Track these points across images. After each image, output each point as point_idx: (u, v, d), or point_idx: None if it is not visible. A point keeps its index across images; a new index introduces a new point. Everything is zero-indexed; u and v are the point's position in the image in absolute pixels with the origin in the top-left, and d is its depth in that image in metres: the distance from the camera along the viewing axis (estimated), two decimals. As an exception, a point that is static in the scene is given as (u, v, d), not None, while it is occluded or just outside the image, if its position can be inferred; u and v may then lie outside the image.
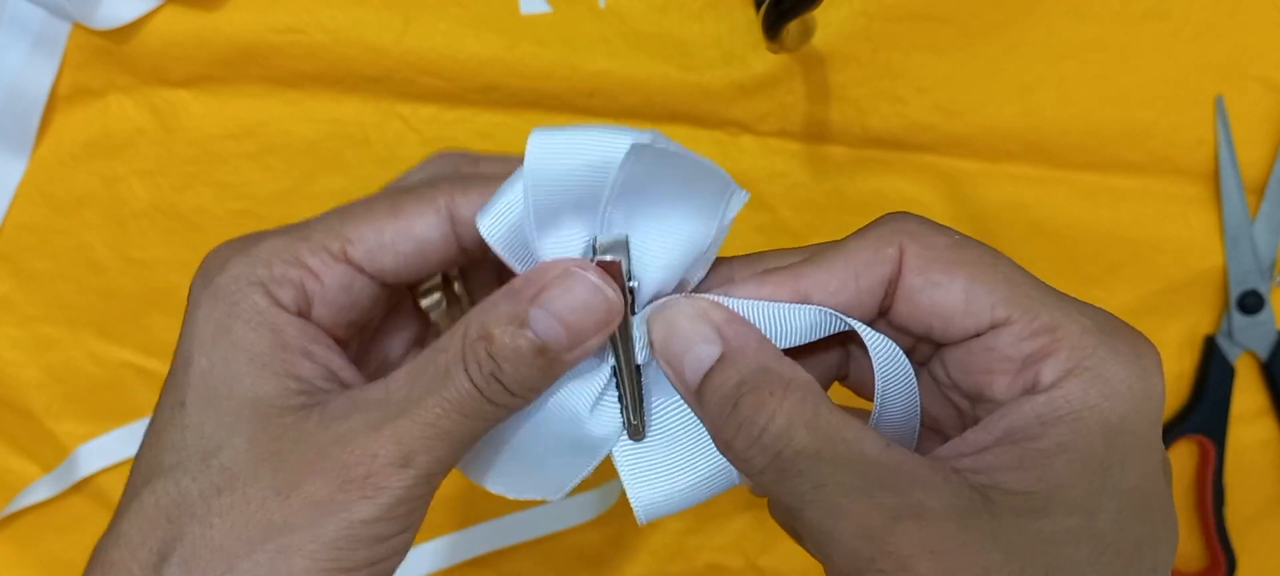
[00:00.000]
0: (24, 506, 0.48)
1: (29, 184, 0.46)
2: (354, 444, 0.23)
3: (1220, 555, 0.47)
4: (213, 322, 0.25)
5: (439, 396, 0.23)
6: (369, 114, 0.45)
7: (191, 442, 0.24)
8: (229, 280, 0.25)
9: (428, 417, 0.23)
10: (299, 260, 0.25)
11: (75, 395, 0.47)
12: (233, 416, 0.24)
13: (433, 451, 0.23)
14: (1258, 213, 0.45)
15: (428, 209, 0.26)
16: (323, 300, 0.26)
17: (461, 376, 0.23)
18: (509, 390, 0.24)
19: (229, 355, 0.24)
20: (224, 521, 0.23)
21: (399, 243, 0.26)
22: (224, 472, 0.23)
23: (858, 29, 0.44)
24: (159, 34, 0.44)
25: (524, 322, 0.23)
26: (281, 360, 0.24)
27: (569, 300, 0.23)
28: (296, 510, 0.23)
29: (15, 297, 0.47)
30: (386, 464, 0.23)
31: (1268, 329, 0.46)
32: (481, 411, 0.24)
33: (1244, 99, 0.45)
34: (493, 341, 0.23)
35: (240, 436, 0.23)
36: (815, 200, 0.46)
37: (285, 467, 0.23)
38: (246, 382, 0.24)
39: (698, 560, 0.49)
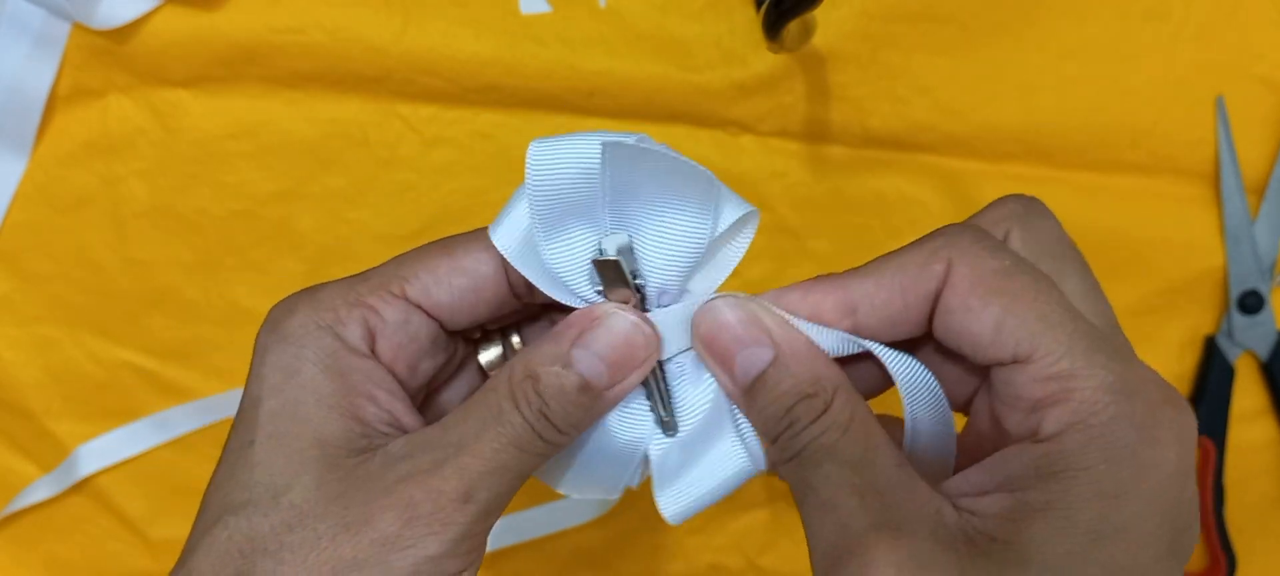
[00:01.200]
0: (24, 506, 0.48)
1: (29, 184, 0.46)
2: (419, 481, 0.24)
3: (1220, 555, 0.47)
4: (281, 366, 0.25)
5: (495, 432, 0.24)
6: (369, 114, 0.45)
7: (260, 481, 0.24)
8: (297, 324, 0.26)
9: (486, 453, 0.24)
10: (361, 300, 0.26)
11: (75, 395, 0.47)
12: (300, 456, 0.24)
13: (492, 487, 0.24)
14: (1258, 213, 0.45)
15: (477, 245, 0.27)
16: (384, 336, 0.27)
17: (514, 414, 0.24)
18: (556, 426, 0.25)
19: (298, 396, 0.25)
20: (294, 557, 0.24)
21: (453, 277, 0.27)
22: (293, 510, 0.24)
23: (858, 29, 0.44)
24: (159, 34, 0.44)
25: (567, 364, 0.24)
26: (348, 403, 0.25)
27: (609, 339, 0.25)
28: (365, 547, 0.23)
29: (15, 297, 0.47)
30: (451, 500, 0.24)
31: (1268, 329, 0.46)
32: (535, 447, 0.25)
33: (1244, 99, 0.45)
34: (539, 381, 0.24)
35: (308, 475, 0.24)
36: (815, 200, 0.46)
37: (353, 505, 0.24)
38: (314, 423, 0.25)
39: (698, 560, 0.49)
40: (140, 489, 0.48)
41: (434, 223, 0.46)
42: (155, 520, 0.48)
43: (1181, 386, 0.47)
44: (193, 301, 0.47)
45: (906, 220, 0.46)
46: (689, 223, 0.25)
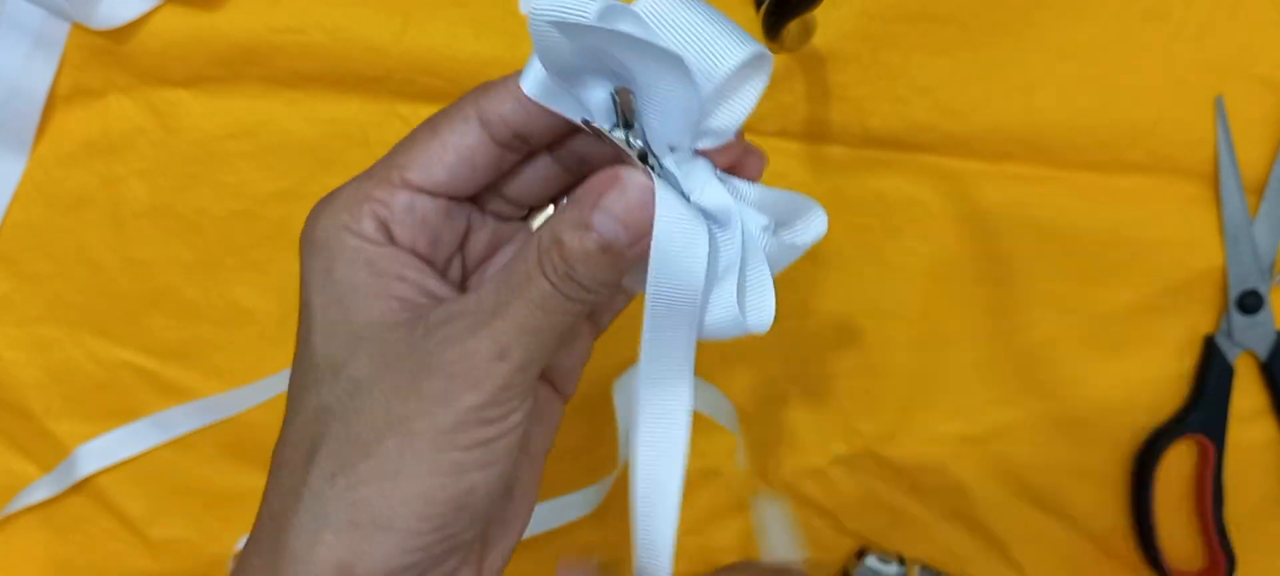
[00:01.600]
0: (24, 506, 0.48)
1: (28, 184, 0.46)
2: (456, 345, 0.27)
3: (1220, 555, 0.47)
4: (319, 270, 0.29)
5: (524, 298, 0.27)
6: (369, 114, 0.45)
7: (323, 364, 0.28)
8: (321, 232, 0.29)
9: (516, 317, 0.27)
10: (368, 195, 0.29)
11: (75, 395, 0.47)
12: (352, 337, 0.28)
13: (525, 345, 0.27)
14: (1257, 212, 0.45)
15: (458, 119, 0.29)
16: (396, 222, 0.29)
17: (541, 279, 0.27)
18: (583, 286, 0.27)
19: (337, 292, 0.28)
20: (359, 418, 0.27)
21: (443, 155, 0.29)
22: (352, 382, 0.27)
23: (858, 29, 0.44)
24: (158, 34, 0.44)
25: (588, 227, 0.26)
26: (380, 286, 0.28)
27: (625, 202, 0.26)
28: (414, 404, 0.27)
29: (15, 298, 0.47)
30: (486, 359, 0.26)
31: (1267, 329, 0.46)
32: (563, 308, 0.27)
33: (1244, 99, 0.45)
34: (563, 246, 0.26)
35: (361, 352, 0.28)
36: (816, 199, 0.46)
37: (402, 372, 0.27)
38: (357, 310, 0.28)
39: (698, 560, 0.49)
40: (140, 489, 0.48)
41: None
42: (155, 520, 0.48)
43: (1181, 386, 0.47)
44: (193, 301, 0.47)
45: (907, 220, 0.46)
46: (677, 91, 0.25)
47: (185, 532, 0.49)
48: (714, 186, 0.27)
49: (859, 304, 0.47)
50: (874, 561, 0.47)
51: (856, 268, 0.46)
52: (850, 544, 0.49)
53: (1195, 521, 0.48)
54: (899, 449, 0.48)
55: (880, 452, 0.48)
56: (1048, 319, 0.47)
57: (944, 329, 0.47)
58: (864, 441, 0.48)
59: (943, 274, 0.46)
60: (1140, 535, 0.48)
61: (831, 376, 0.47)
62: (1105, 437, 0.48)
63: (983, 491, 0.48)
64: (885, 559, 0.47)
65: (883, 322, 0.47)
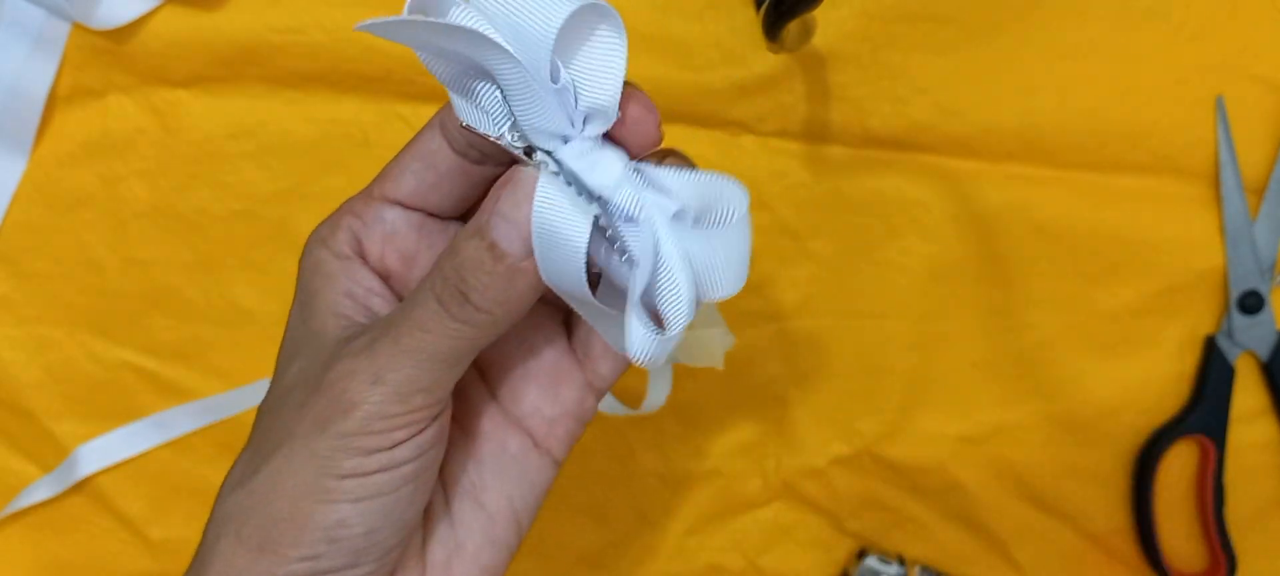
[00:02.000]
0: (23, 507, 0.48)
1: (28, 184, 0.46)
2: (342, 365, 0.26)
3: (1220, 555, 0.47)
4: (299, 283, 0.30)
5: (407, 317, 0.26)
6: (369, 114, 0.45)
7: (279, 365, 0.29)
8: (307, 247, 0.30)
9: (394, 337, 0.26)
10: (350, 209, 0.29)
11: (75, 395, 0.47)
12: (295, 346, 0.29)
13: (400, 369, 0.25)
14: (1258, 213, 0.45)
15: (425, 130, 0.29)
16: (369, 238, 0.29)
17: (427, 296, 0.26)
18: (478, 306, 0.25)
19: (302, 300, 0.29)
20: (272, 423, 0.27)
21: (409, 163, 0.29)
22: (284, 386, 0.28)
23: (858, 29, 0.44)
24: (159, 34, 0.44)
25: (484, 232, 0.25)
26: (327, 298, 0.28)
27: (517, 203, 0.24)
28: (305, 422, 0.26)
29: (15, 298, 0.47)
30: (361, 382, 0.25)
31: (1268, 329, 0.46)
32: (448, 329, 0.25)
33: (1244, 99, 0.45)
34: (457, 254, 0.25)
35: (295, 363, 0.28)
36: (816, 200, 0.46)
37: (307, 386, 0.27)
38: (309, 321, 0.29)
39: (698, 560, 0.49)
40: (140, 489, 0.48)
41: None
42: (155, 520, 0.48)
43: (1181, 387, 0.47)
44: (193, 301, 0.47)
45: (907, 220, 0.46)
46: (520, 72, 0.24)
47: (185, 532, 0.49)
48: (612, 165, 0.25)
49: (859, 304, 0.47)
50: (874, 561, 0.47)
51: (857, 268, 0.46)
52: (850, 544, 0.49)
53: (1196, 522, 0.48)
54: (899, 449, 0.48)
55: (880, 452, 0.48)
56: (1048, 319, 0.47)
57: (944, 329, 0.47)
58: (864, 441, 0.48)
59: (943, 274, 0.46)
60: (1141, 535, 0.48)
61: (831, 376, 0.47)
62: (1106, 438, 0.48)
63: (983, 491, 0.48)
64: (885, 559, 0.47)
65: (883, 323, 0.47)
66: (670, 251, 0.25)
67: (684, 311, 0.25)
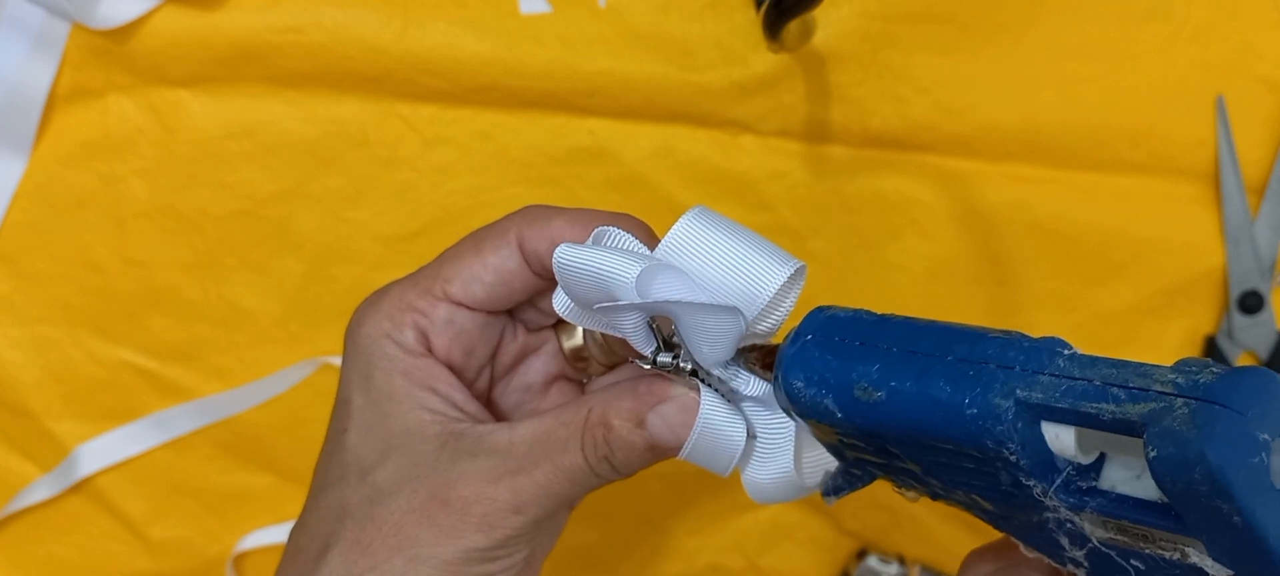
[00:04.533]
0: (23, 507, 0.48)
1: (28, 184, 0.46)
2: (477, 486, 0.28)
3: (1221, 555, 0.47)
4: (360, 372, 0.31)
5: (554, 464, 0.29)
6: (369, 114, 0.45)
7: (351, 463, 0.30)
8: (365, 337, 0.31)
9: (541, 480, 0.28)
10: (412, 305, 0.31)
11: (74, 395, 0.47)
12: (384, 443, 0.29)
13: (542, 506, 0.29)
14: (1258, 213, 0.45)
15: (501, 242, 0.30)
16: (435, 334, 0.31)
17: (577, 453, 0.29)
18: (616, 470, 0.29)
19: (376, 397, 0.30)
20: (373, 526, 0.28)
21: (483, 274, 0.31)
22: (376, 488, 0.29)
23: (858, 29, 0.44)
24: (158, 34, 0.44)
25: (642, 423, 0.28)
26: (413, 396, 0.30)
27: (680, 414, 0.28)
28: (426, 530, 0.28)
29: (14, 298, 0.47)
30: (502, 509, 0.28)
31: (1268, 329, 0.46)
32: (588, 483, 0.29)
33: (1244, 99, 0.45)
34: (612, 430, 0.28)
35: (390, 461, 0.29)
36: (816, 200, 0.46)
37: (422, 492, 0.28)
38: (392, 416, 0.30)
39: (698, 560, 0.49)
40: (140, 489, 0.48)
41: (434, 223, 0.46)
42: (155, 520, 0.48)
43: (1182, 386, 0.47)
44: (193, 301, 0.47)
45: (907, 220, 0.46)
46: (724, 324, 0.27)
47: (185, 532, 0.49)
48: (756, 382, 0.29)
49: (859, 304, 0.46)
50: (874, 561, 0.47)
51: (856, 268, 0.46)
52: (850, 544, 0.49)
53: (1196, 522, 0.48)
54: (899, 449, 0.48)
55: (880, 453, 0.48)
56: (1048, 319, 0.47)
57: (944, 329, 0.47)
58: (864, 441, 0.48)
59: (943, 274, 0.46)
60: (1141, 535, 0.48)
61: (831, 376, 0.47)
62: (1106, 438, 0.48)
63: (983, 491, 0.48)
64: (885, 559, 0.47)
65: (883, 323, 0.47)
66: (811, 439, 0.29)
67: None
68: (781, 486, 0.30)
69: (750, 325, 0.27)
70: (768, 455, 0.30)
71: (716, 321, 0.27)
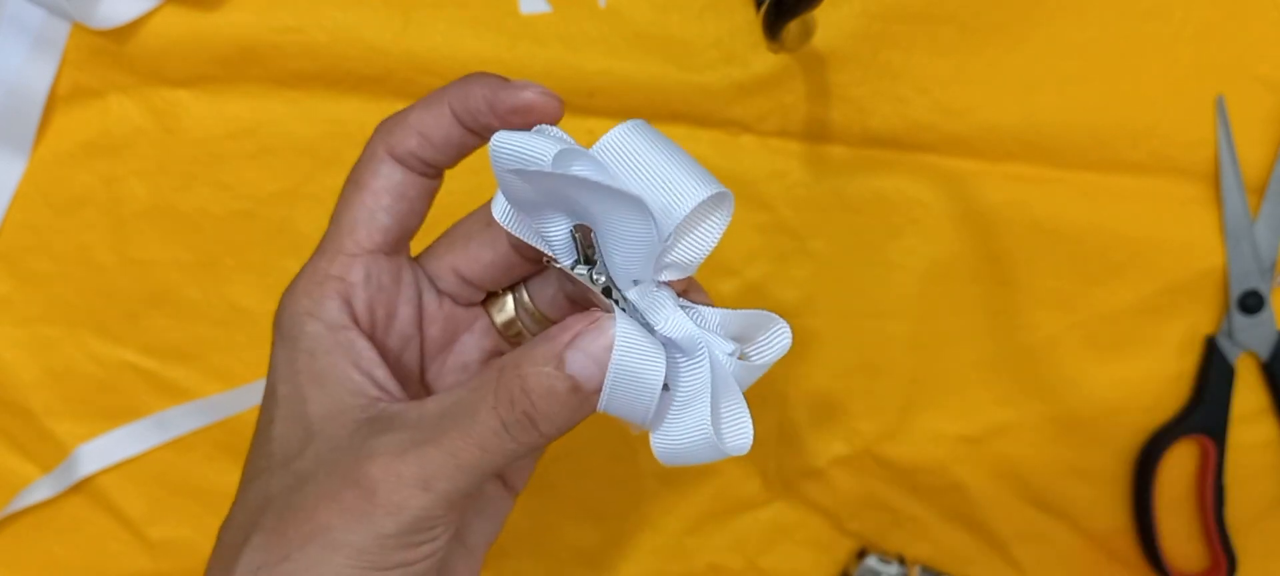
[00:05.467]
0: (23, 507, 0.48)
1: (28, 184, 0.46)
2: (384, 462, 0.26)
3: (1221, 555, 0.47)
4: (284, 359, 0.29)
5: (465, 431, 0.26)
6: (369, 114, 0.45)
7: (276, 452, 0.28)
8: (287, 320, 0.29)
9: (450, 449, 0.26)
10: (327, 274, 0.29)
11: (75, 395, 0.47)
12: (305, 430, 0.28)
13: (452, 480, 0.26)
14: (1258, 212, 0.45)
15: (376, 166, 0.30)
16: (357, 301, 0.29)
17: (489, 414, 0.26)
18: (537, 427, 0.26)
19: (299, 381, 0.29)
20: (291, 513, 0.27)
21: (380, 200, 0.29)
22: (296, 476, 0.28)
23: (858, 29, 0.44)
24: (159, 34, 0.44)
25: (561, 364, 0.26)
26: (336, 375, 0.28)
27: (603, 342, 0.26)
28: (336, 515, 0.26)
29: (15, 297, 0.47)
30: (409, 486, 0.26)
31: (1268, 329, 0.46)
32: (505, 448, 0.26)
33: (1245, 99, 0.45)
34: (525, 379, 0.26)
35: (310, 446, 0.28)
36: (816, 199, 0.46)
37: (335, 475, 0.27)
38: (314, 400, 0.28)
39: (698, 560, 0.49)
40: (140, 489, 0.48)
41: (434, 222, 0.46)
42: (155, 520, 0.48)
43: (1182, 387, 0.47)
44: (193, 301, 0.47)
45: (907, 220, 0.46)
46: (638, 229, 0.25)
47: (185, 532, 0.49)
48: (678, 316, 0.27)
49: (859, 304, 0.47)
50: (874, 561, 0.47)
51: (856, 268, 0.46)
52: (850, 544, 0.49)
53: (1196, 522, 0.48)
54: (899, 449, 0.48)
55: (880, 452, 0.48)
56: (1048, 319, 0.47)
57: (944, 329, 0.47)
58: (864, 441, 0.48)
59: (943, 274, 0.46)
60: (1141, 535, 0.48)
61: (831, 376, 0.47)
62: (1106, 438, 0.48)
63: (983, 491, 0.48)
64: (885, 559, 0.47)
65: (883, 323, 0.47)
66: (731, 384, 0.27)
67: (748, 437, 0.27)
68: (697, 445, 0.27)
69: (667, 242, 0.26)
70: (681, 408, 0.27)
71: (629, 223, 0.25)
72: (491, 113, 0.28)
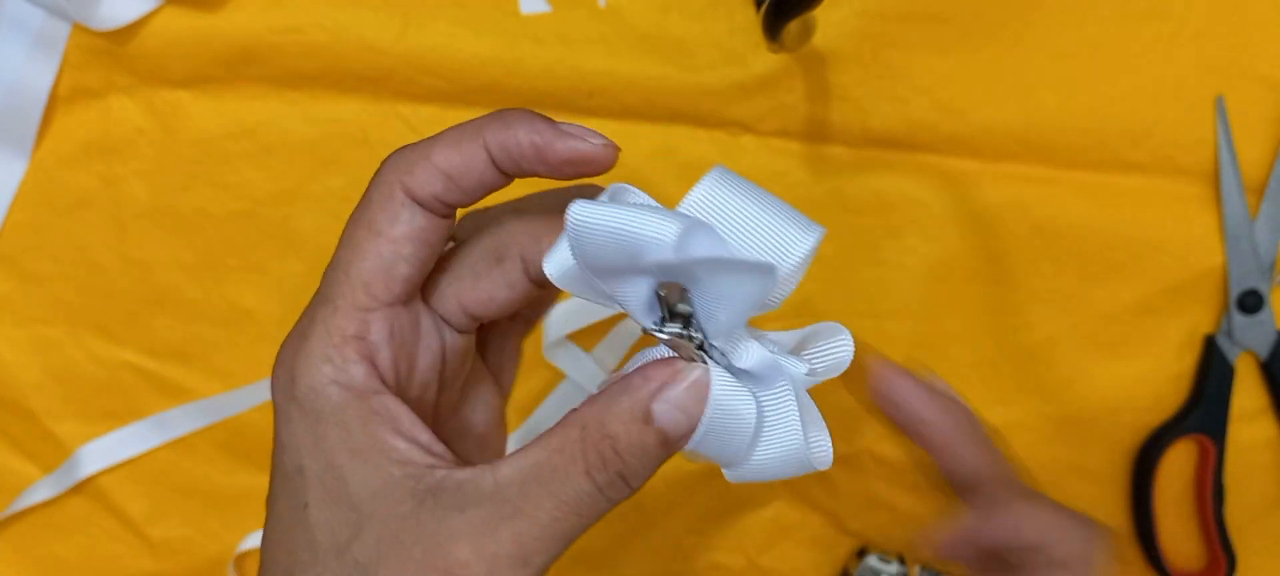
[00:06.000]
0: (24, 507, 0.48)
1: (29, 184, 0.46)
2: (472, 541, 0.24)
3: (1220, 555, 0.47)
4: (308, 432, 0.26)
5: (557, 498, 0.24)
6: (369, 114, 0.45)
7: (324, 540, 0.25)
8: (305, 390, 0.26)
9: (545, 520, 0.24)
10: (345, 333, 0.26)
11: (76, 395, 0.47)
12: (355, 511, 0.25)
13: (550, 551, 0.24)
14: (1258, 212, 0.45)
15: (393, 208, 0.26)
16: (381, 358, 0.26)
17: (581, 479, 0.24)
18: (629, 485, 0.25)
19: (334, 458, 0.25)
20: None
21: (401, 249, 0.26)
22: (357, 565, 0.25)
23: (858, 29, 0.44)
24: (159, 34, 0.44)
25: (649, 419, 0.24)
26: (376, 447, 0.25)
27: (690, 392, 0.24)
28: None
29: (15, 298, 0.47)
30: (507, 564, 0.24)
31: (1268, 328, 0.46)
32: (596, 509, 0.25)
33: (1244, 98, 0.45)
34: (617, 439, 0.24)
35: (367, 532, 0.25)
36: (816, 199, 0.46)
37: (412, 561, 0.24)
38: (356, 478, 0.25)
39: (698, 559, 0.49)
40: (141, 489, 0.48)
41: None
42: (156, 520, 0.48)
43: (1181, 386, 0.47)
44: (193, 301, 0.47)
45: (907, 219, 0.46)
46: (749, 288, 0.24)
47: (185, 532, 0.49)
48: (755, 348, 0.26)
49: (859, 304, 0.47)
50: (874, 561, 0.47)
51: (856, 268, 0.46)
52: (850, 544, 0.49)
53: (1196, 521, 0.48)
54: (899, 448, 0.48)
55: (880, 452, 0.48)
56: (1048, 319, 0.47)
57: (944, 329, 0.47)
58: (864, 441, 0.48)
59: (943, 274, 0.46)
60: (1140, 535, 0.48)
61: (832, 376, 0.47)
62: (1105, 437, 0.48)
63: (983, 491, 0.48)
64: (885, 559, 0.47)
65: (883, 322, 0.47)
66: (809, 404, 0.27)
67: (829, 450, 0.26)
68: (788, 462, 0.26)
69: None
70: (772, 431, 0.26)
71: (746, 283, 0.24)
72: (540, 161, 0.26)
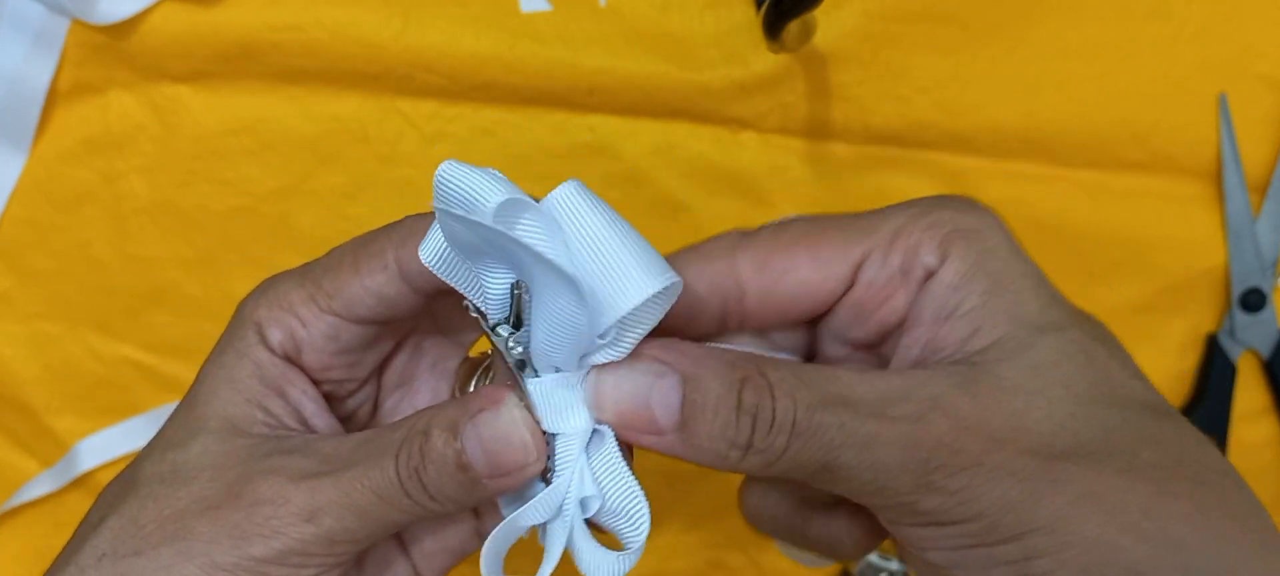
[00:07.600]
0: (24, 502, 0.48)
1: (28, 180, 0.46)
2: (274, 482, 0.25)
3: (1221, 554, 0.47)
4: (221, 347, 0.28)
5: (363, 471, 0.25)
6: (369, 110, 0.45)
7: (167, 437, 0.27)
8: (237, 317, 0.28)
9: (345, 486, 0.25)
10: (293, 307, 0.27)
11: (75, 391, 0.48)
12: (200, 425, 0.26)
13: (340, 519, 0.25)
14: (1260, 211, 0.45)
15: (378, 264, 0.27)
16: (310, 347, 0.28)
17: (390, 463, 0.25)
18: (427, 491, 0.25)
19: (216, 376, 0.27)
20: (155, 506, 0.25)
21: (365, 298, 0.27)
22: (174, 467, 0.26)
23: (859, 28, 0.44)
24: (159, 30, 0.44)
25: (457, 433, 0.24)
26: (254, 389, 0.27)
27: (496, 432, 0.24)
28: (206, 524, 0.24)
29: (15, 294, 0.47)
30: (292, 514, 0.24)
31: (1270, 327, 0.46)
32: (397, 502, 0.25)
33: (1247, 97, 0.45)
34: (428, 439, 0.24)
35: (198, 442, 0.26)
36: (816, 197, 0.46)
37: (218, 481, 0.25)
38: (220, 400, 0.27)
39: (699, 557, 0.49)
40: (140, 485, 0.48)
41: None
42: (155, 516, 0.49)
43: (1183, 385, 0.47)
44: (193, 297, 0.47)
45: (907, 218, 0.46)
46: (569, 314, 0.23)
47: (185, 529, 0.49)
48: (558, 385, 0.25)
49: (860, 302, 0.47)
50: (874, 559, 0.47)
51: (857, 265, 0.46)
52: (850, 542, 0.49)
53: (1196, 520, 0.48)
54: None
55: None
56: (1049, 317, 0.46)
57: (945, 327, 0.47)
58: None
59: (944, 272, 0.46)
60: (1141, 534, 0.48)
61: (832, 374, 0.47)
62: (1106, 436, 0.48)
63: (983, 490, 0.48)
64: (885, 556, 0.47)
65: (883, 321, 0.47)
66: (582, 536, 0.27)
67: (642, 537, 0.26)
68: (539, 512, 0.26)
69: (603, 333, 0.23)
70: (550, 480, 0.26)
71: (561, 303, 0.23)
72: None
